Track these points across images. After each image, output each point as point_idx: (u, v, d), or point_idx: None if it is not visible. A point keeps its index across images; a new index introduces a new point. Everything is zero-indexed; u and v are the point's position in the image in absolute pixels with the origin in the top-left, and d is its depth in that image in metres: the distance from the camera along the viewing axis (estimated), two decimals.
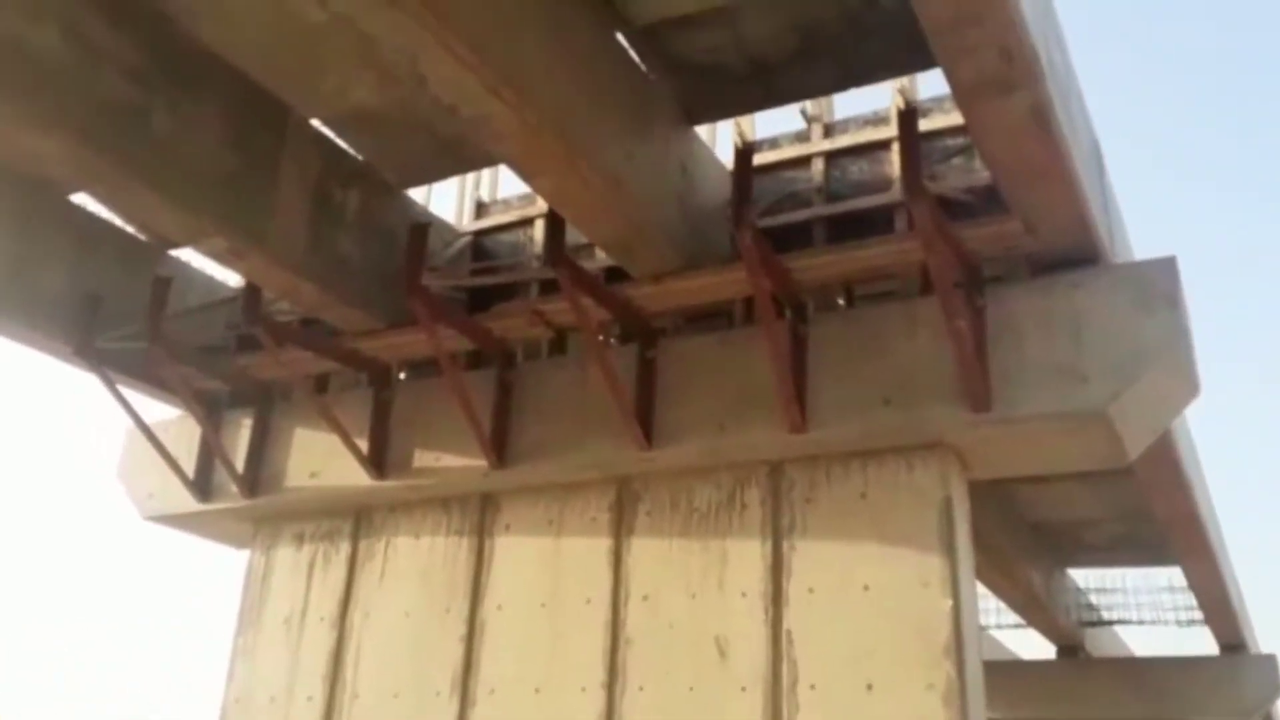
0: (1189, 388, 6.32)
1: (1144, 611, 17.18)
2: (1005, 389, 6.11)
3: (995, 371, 6.16)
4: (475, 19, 4.94)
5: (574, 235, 6.54)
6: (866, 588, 6.35)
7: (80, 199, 7.93)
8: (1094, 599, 17.54)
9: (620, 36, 6.30)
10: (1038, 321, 6.16)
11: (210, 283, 8.93)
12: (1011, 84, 4.81)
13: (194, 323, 8.45)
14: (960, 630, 6.00)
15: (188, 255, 8.54)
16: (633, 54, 6.45)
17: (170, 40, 6.25)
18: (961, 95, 4.97)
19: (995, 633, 17.84)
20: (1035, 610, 15.46)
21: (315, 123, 7.23)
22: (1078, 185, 5.58)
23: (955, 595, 6.09)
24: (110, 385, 8.14)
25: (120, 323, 7.96)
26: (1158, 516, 10.81)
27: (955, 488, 6.42)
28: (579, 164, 5.68)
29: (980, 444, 6.38)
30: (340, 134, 7.36)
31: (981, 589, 14.52)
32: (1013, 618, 16.65)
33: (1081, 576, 17.44)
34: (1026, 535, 14.02)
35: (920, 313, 6.46)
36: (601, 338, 7.76)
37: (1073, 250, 6.17)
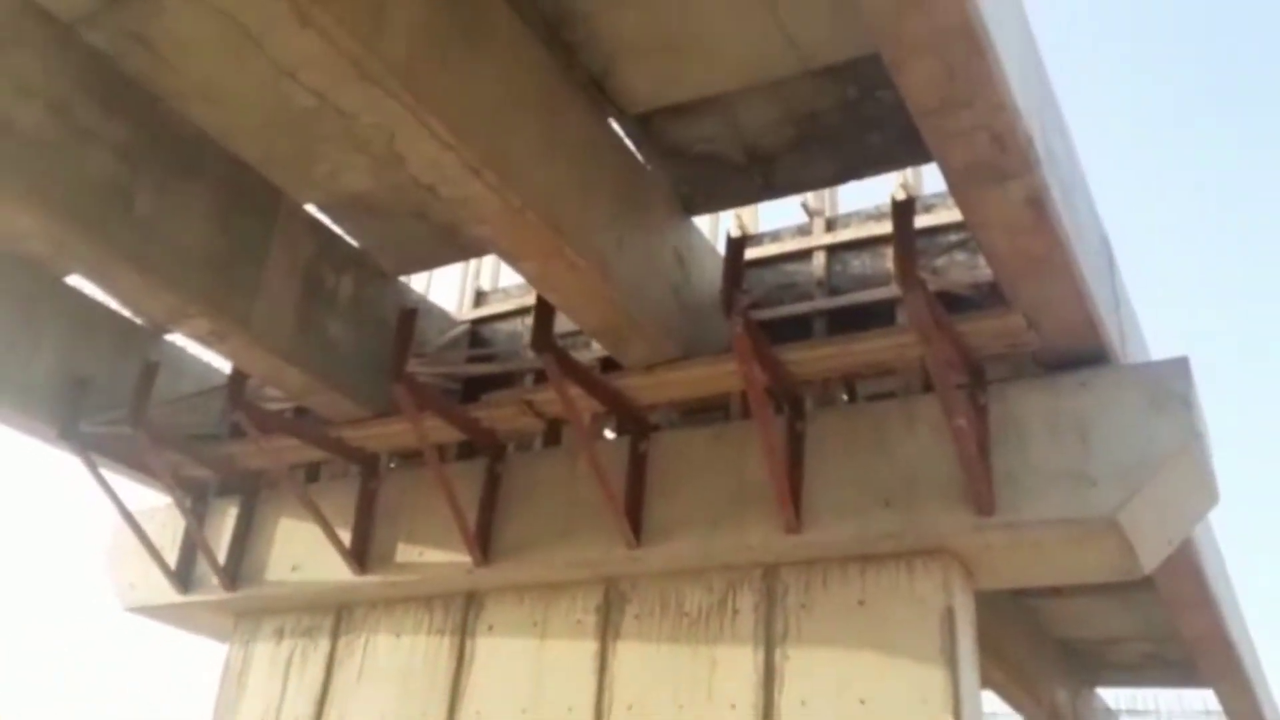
0: (1207, 494, 5.98)
1: None
2: (1010, 492, 5.80)
3: (999, 474, 5.85)
4: (456, 98, 4.85)
5: (572, 324, 6.39)
6: (863, 701, 5.96)
7: (77, 281, 7.89)
8: None
9: (615, 124, 6.22)
10: (1044, 422, 5.87)
11: (206, 369, 8.82)
12: (1005, 171, 4.64)
13: (185, 409, 8.31)
14: None
15: (184, 341, 8.44)
16: (628, 142, 6.36)
17: (162, 121, 6.23)
18: (954, 183, 4.80)
19: None
20: None
21: (310, 207, 7.17)
22: (1081, 280, 5.35)
23: (956, 712, 5.68)
24: (94, 470, 7.97)
25: (110, 407, 7.83)
26: (1183, 635, 10.28)
27: (958, 597, 6.06)
28: (565, 249, 5.53)
29: (984, 550, 6.03)
30: (334, 219, 7.30)
31: (1005, 708, 13.89)
32: None
33: (1112, 696, 16.69)
34: (1052, 652, 13.43)
35: (921, 411, 6.19)
36: (598, 430, 7.55)
37: (1081, 349, 5.91)
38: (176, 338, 8.38)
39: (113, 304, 8.08)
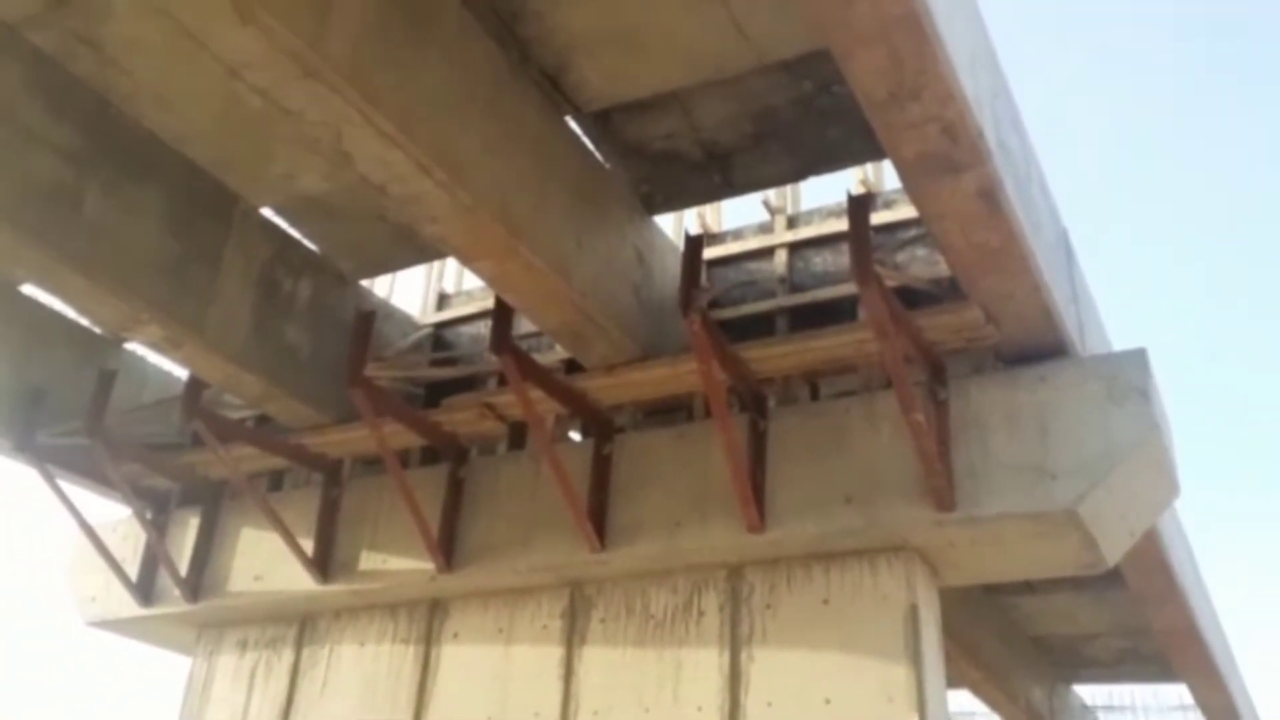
0: (1167, 486, 5.97)
1: None
2: (970, 487, 5.77)
3: (960, 469, 5.82)
4: (403, 94, 4.79)
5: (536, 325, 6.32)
6: (828, 701, 5.91)
7: (31, 290, 7.77)
8: (1102, 717, 16.75)
9: (571, 122, 6.16)
10: (1004, 416, 5.84)
11: (167, 378, 8.70)
12: (957, 163, 4.61)
13: (145, 418, 8.19)
14: None
15: (144, 350, 8.33)
16: (585, 140, 6.31)
17: (112, 124, 6.14)
18: (907, 175, 4.76)
19: None
20: None
21: (267, 211, 7.08)
22: (1038, 272, 5.33)
23: (921, 710, 5.64)
24: (51, 482, 7.84)
25: (68, 417, 7.70)
26: (1155, 629, 10.28)
27: (922, 594, 6.02)
28: (520, 248, 5.47)
29: (947, 547, 6.00)
30: (291, 222, 7.21)
31: (981, 707, 13.88)
32: None
33: (1088, 693, 16.69)
34: (1027, 649, 13.41)
35: (883, 408, 6.15)
36: (563, 433, 7.48)
37: (1040, 342, 5.89)
38: (137, 346, 8.26)
39: (70, 313, 7.96)
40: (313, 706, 7.53)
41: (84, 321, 8.06)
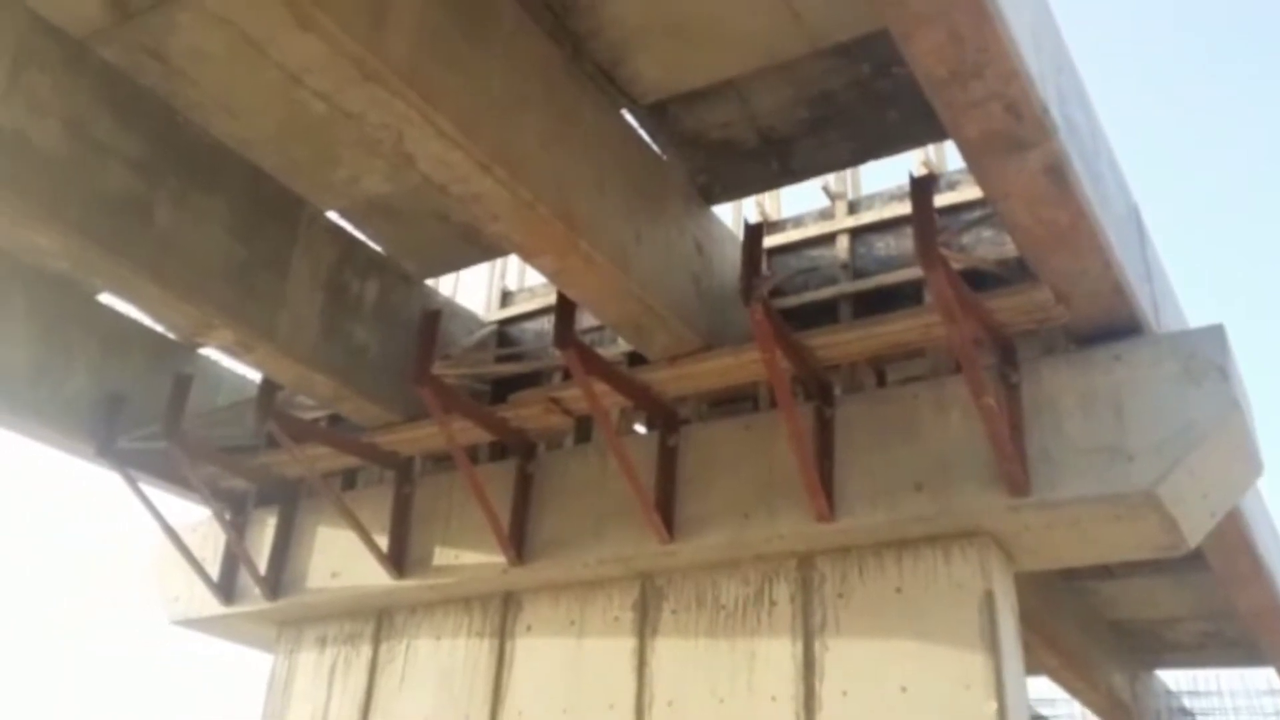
0: (1249, 464, 5.80)
1: (1242, 716, 15.95)
2: (1045, 471, 5.66)
3: (1034, 452, 5.72)
4: (461, 94, 4.82)
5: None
6: (904, 689, 5.85)
7: (108, 299, 7.98)
8: (1187, 703, 16.36)
9: (627, 115, 6.17)
10: (1078, 398, 5.72)
11: (241, 381, 8.88)
12: (1022, 141, 4.52)
13: (221, 421, 8.37)
14: None
15: (217, 354, 8.51)
16: (642, 133, 6.31)
17: (179, 134, 6.28)
18: (970, 155, 4.68)
19: None
20: (1121, 715, 14.39)
21: (332, 214, 7.19)
22: (1108, 250, 5.21)
23: (1000, 697, 5.56)
24: (133, 485, 8.05)
25: (146, 422, 7.90)
26: (1240, 612, 10.01)
27: (997, 580, 5.93)
28: (580, 243, 5.49)
29: (1022, 531, 5.90)
30: (356, 225, 7.31)
31: (1060, 693, 13.64)
32: None
33: (1172, 678, 16.32)
34: (1106, 635, 13.15)
35: (952, 392, 6.07)
36: (628, 425, 7.50)
37: (1113, 321, 5.76)
38: (210, 351, 8.45)
39: (145, 320, 8.16)
40: (392, 700, 7.66)
41: (159, 328, 8.26)
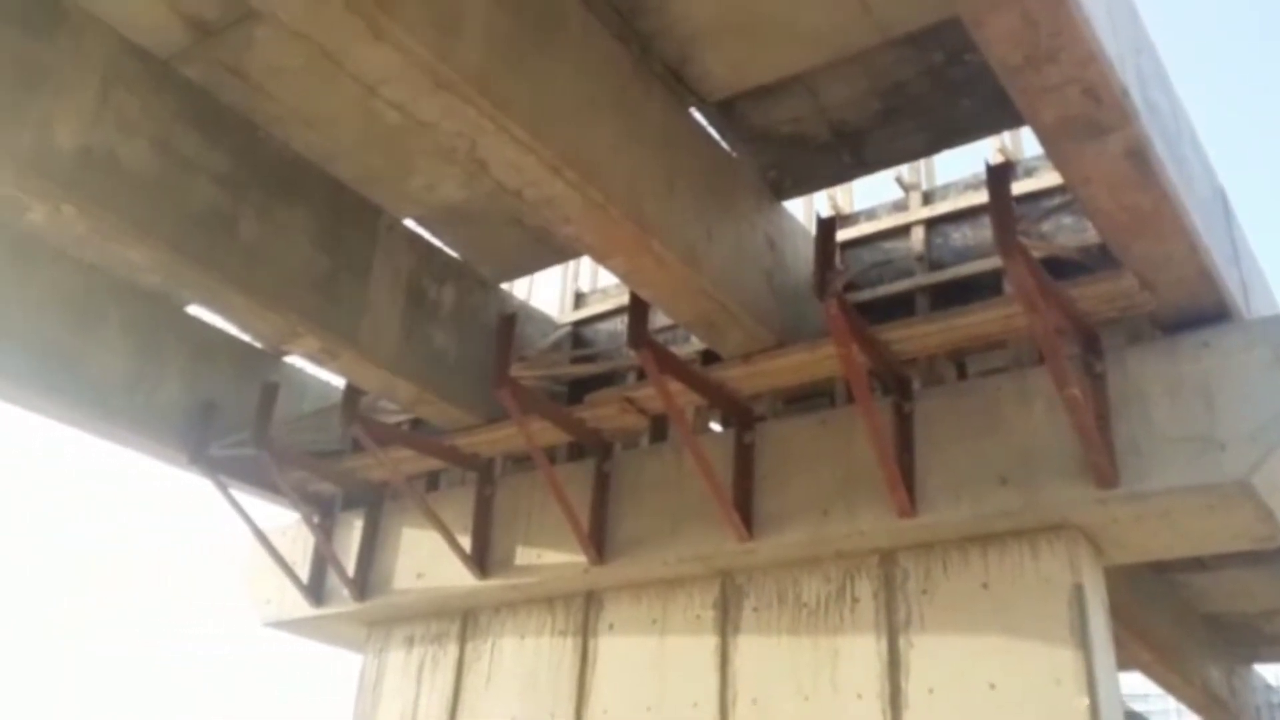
0: None
1: None
2: (1134, 462, 5.53)
3: (1122, 443, 5.59)
4: (532, 99, 4.88)
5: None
6: (993, 686, 5.77)
7: (196, 310, 8.22)
8: None
9: (696, 113, 6.17)
10: (1166, 386, 5.58)
11: (325, 387, 9.09)
12: (1101, 125, 4.42)
13: (307, 427, 8.57)
14: None
15: (302, 361, 8.72)
16: (711, 130, 6.31)
17: (261, 148, 6.45)
18: (1048, 141, 4.60)
19: None
20: (1218, 711, 13.98)
21: (409, 221, 7.32)
22: (1194, 234, 5.07)
23: (1092, 693, 5.45)
24: (225, 491, 8.29)
25: (235, 430, 8.12)
26: None
27: (1087, 573, 5.81)
28: (651, 243, 5.51)
29: (1111, 524, 5.77)
30: (433, 231, 7.44)
31: (1154, 689, 13.31)
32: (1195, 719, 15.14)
33: (1273, 673, 15.80)
34: (1200, 629, 12.78)
35: (1035, 384, 5.96)
36: (703, 424, 7.50)
37: (1200, 307, 5.61)
38: (296, 359, 8.66)
39: (233, 330, 8.40)
40: (479, 699, 7.76)
41: (246, 337, 8.50)
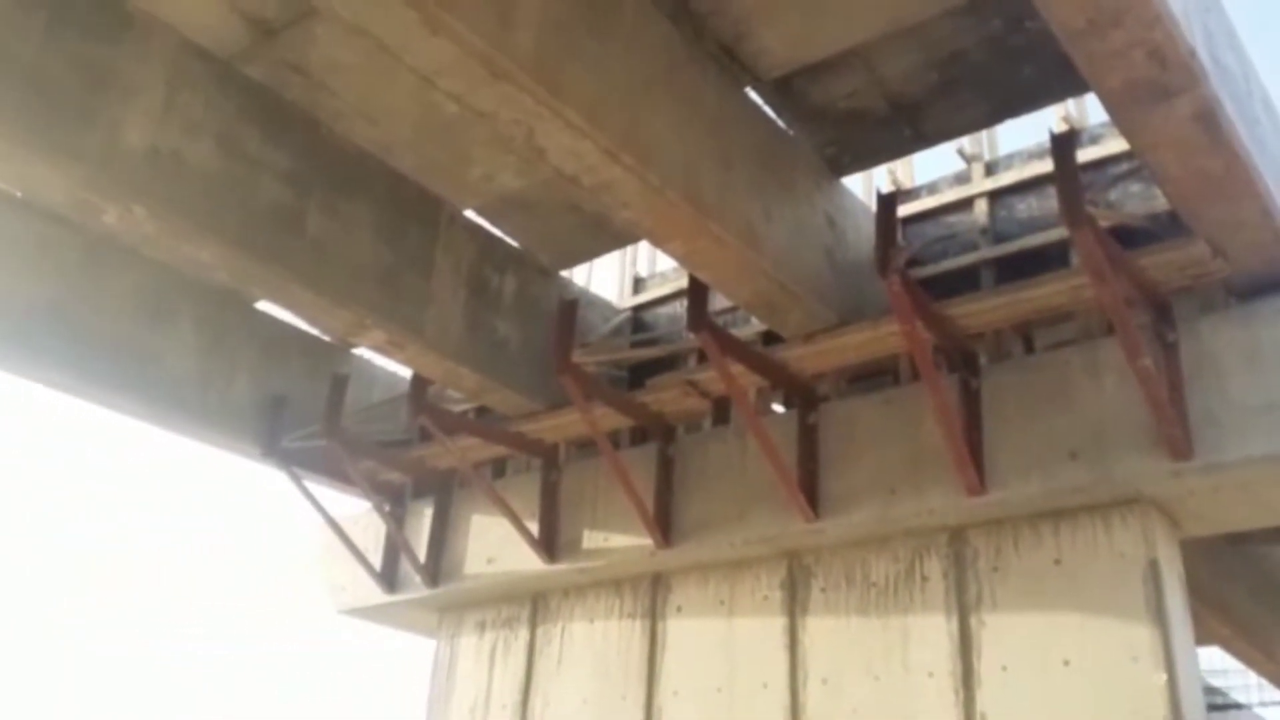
0: None
1: None
2: (1210, 433, 5.41)
3: (1196, 414, 5.47)
4: (587, 86, 4.89)
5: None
6: (1067, 663, 5.70)
7: (264, 305, 8.39)
8: None
9: (752, 92, 6.14)
10: (1241, 354, 5.45)
11: (393, 378, 9.22)
12: (1168, 88, 4.31)
13: (376, 417, 8.71)
14: (1178, 707, 5.27)
15: (369, 353, 8.85)
16: (767, 109, 6.27)
17: (323, 144, 6.54)
18: (1114, 106, 4.49)
19: (1260, 710, 15.95)
20: None
21: (469, 212, 7.39)
22: (1268, 197, 4.93)
23: (1170, 669, 5.36)
24: (299, 484, 8.45)
25: (306, 422, 8.28)
26: None
27: (1162, 548, 5.71)
28: (709, 225, 5.49)
29: (1186, 496, 5.66)
30: (492, 221, 7.50)
31: (1234, 664, 13.04)
32: (1277, 694, 14.82)
33: None
34: None
35: (1105, 356, 5.85)
36: (765, 405, 7.48)
37: (1276, 272, 5.46)
38: (363, 351, 8.79)
39: (301, 324, 8.55)
40: (550, 682, 7.85)
41: (314, 331, 8.65)
